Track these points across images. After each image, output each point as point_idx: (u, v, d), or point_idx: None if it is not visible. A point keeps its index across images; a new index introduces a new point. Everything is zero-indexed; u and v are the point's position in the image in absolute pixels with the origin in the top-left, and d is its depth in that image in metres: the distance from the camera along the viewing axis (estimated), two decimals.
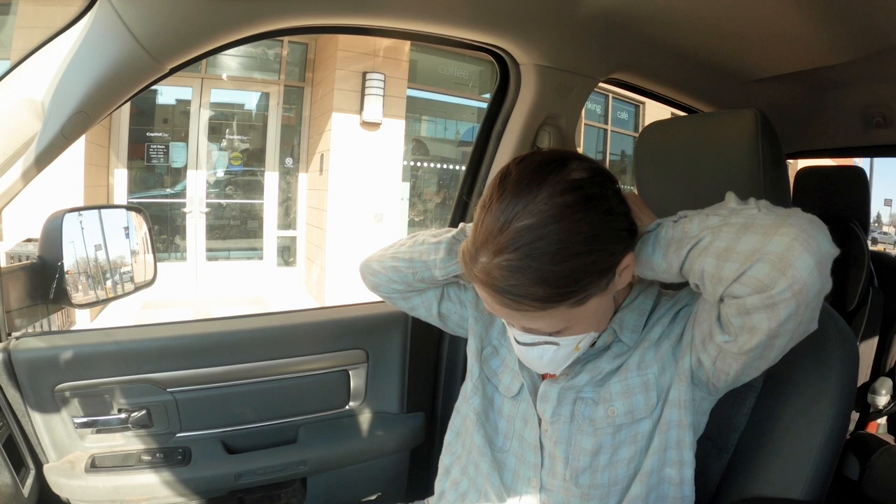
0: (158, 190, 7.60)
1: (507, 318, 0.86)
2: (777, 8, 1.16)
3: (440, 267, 1.03)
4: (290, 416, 1.45)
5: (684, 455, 0.89)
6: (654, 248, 0.82)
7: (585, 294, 0.78)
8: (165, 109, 7.61)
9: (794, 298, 0.68)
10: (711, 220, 0.76)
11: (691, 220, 0.79)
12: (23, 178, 0.96)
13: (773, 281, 0.67)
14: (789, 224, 0.69)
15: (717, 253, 0.72)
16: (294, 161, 8.11)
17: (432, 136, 8.64)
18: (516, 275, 0.74)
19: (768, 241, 0.68)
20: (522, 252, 0.73)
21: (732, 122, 1.02)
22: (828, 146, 2.16)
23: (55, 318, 4.12)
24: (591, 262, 0.76)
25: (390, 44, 7.14)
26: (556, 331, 0.84)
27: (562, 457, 0.93)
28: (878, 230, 20.53)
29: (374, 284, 1.15)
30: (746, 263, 0.69)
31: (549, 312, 0.79)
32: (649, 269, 0.84)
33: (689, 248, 0.76)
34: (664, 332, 0.92)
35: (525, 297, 0.75)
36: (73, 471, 1.24)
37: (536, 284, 0.74)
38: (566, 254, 0.74)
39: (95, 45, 0.91)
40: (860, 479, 1.61)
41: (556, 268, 0.74)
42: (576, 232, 0.74)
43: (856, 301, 2.04)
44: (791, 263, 0.66)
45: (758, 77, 1.63)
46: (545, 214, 0.74)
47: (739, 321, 0.73)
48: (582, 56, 1.43)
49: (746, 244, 0.70)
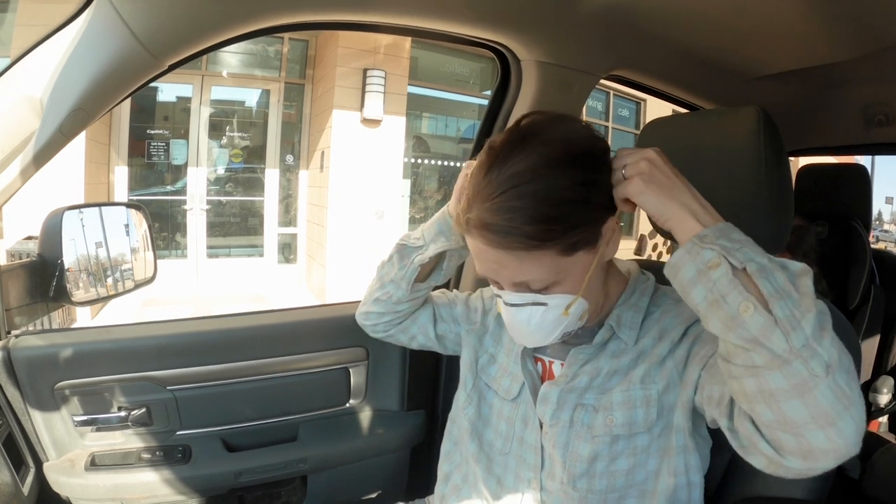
0: (159, 187, 7.61)
1: (497, 272, 0.85)
2: (779, 5, 1.16)
3: (401, 277, 1.11)
4: (290, 413, 1.45)
5: (692, 477, 0.90)
6: (697, 277, 0.70)
7: (573, 240, 0.80)
8: (166, 106, 7.61)
9: (797, 473, 0.67)
10: (776, 338, 0.63)
11: (755, 309, 0.65)
12: (21, 175, 0.95)
13: (791, 454, 0.66)
14: (839, 428, 0.62)
15: (760, 387, 0.65)
16: (295, 158, 8.11)
17: (433, 133, 8.63)
18: (508, 214, 0.77)
19: (812, 428, 0.63)
20: (513, 193, 0.77)
21: (734, 119, 1.01)
22: (829, 144, 2.16)
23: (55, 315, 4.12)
24: (579, 207, 0.79)
25: (391, 41, 7.13)
26: (544, 285, 0.83)
27: (560, 460, 0.93)
28: (879, 228, 20.53)
29: (372, 327, 1.23)
30: (780, 425, 0.65)
31: (539, 256, 0.80)
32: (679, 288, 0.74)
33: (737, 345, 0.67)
34: (671, 351, 0.90)
35: (516, 234, 0.77)
36: (72, 469, 1.24)
37: (526, 222, 0.77)
38: (555, 195, 0.77)
39: (94, 42, 0.91)
40: (861, 477, 1.61)
41: (545, 208, 0.77)
42: (564, 177, 0.78)
43: (857, 299, 2.04)
44: (816, 460, 0.65)
45: (760, 74, 1.62)
46: (535, 162, 0.78)
47: (746, 442, 0.72)
48: (583, 53, 1.43)
49: (792, 411, 0.63)
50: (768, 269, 0.67)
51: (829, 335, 0.64)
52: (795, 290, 0.66)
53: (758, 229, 0.97)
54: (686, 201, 0.75)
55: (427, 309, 1.21)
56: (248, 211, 8.10)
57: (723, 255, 0.68)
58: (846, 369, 0.64)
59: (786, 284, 0.66)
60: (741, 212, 1.00)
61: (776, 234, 0.98)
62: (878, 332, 2.03)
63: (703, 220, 0.73)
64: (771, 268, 0.67)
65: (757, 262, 0.67)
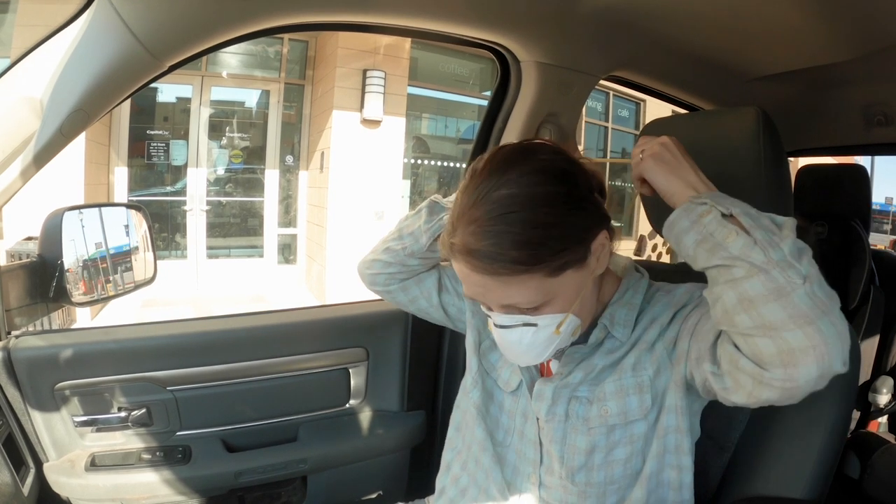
0: (159, 188, 7.61)
1: (484, 295, 0.85)
2: (779, 5, 1.16)
3: (425, 230, 1.06)
4: (290, 414, 1.45)
5: (682, 460, 0.90)
6: (690, 226, 0.76)
7: (560, 262, 0.80)
8: (166, 107, 7.62)
9: (782, 389, 0.68)
10: (755, 253, 0.69)
11: (737, 234, 0.71)
12: (22, 176, 0.95)
13: (771, 364, 0.67)
14: (818, 326, 0.65)
15: (740, 296, 0.69)
16: (294, 159, 8.11)
17: (433, 134, 8.63)
18: (493, 239, 0.78)
19: (790, 327, 0.66)
20: (498, 219, 0.78)
21: (733, 119, 1.01)
22: (829, 144, 2.16)
23: (55, 316, 4.12)
24: (564, 229, 0.80)
25: (391, 41, 7.13)
26: (533, 306, 0.83)
27: (557, 455, 0.93)
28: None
29: (372, 278, 1.18)
30: (759, 330, 0.68)
31: (525, 279, 0.80)
32: (675, 240, 0.79)
33: (719, 265, 0.72)
34: (660, 334, 0.91)
35: (501, 260, 0.78)
36: (72, 469, 1.24)
37: (512, 247, 0.77)
38: (540, 219, 0.78)
39: (94, 43, 0.91)
40: (861, 477, 1.61)
41: (531, 232, 0.78)
42: (548, 201, 0.79)
43: (857, 299, 2.04)
44: (796, 364, 0.66)
45: (759, 75, 1.62)
46: (519, 187, 0.79)
47: (728, 367, 0.74)
48: (583, 53, 1.43)
49: (770, 313, 0.67)
50: (754, 214, 0.73)
51: (808, 259, 0.69)
52: (778, 229, 0.71)
53: None
54: (690, 179, 0.81)
55: (433, 274, 1.17)
56: (248, 212, 8.10)
57: (713, 205, 0.75)
58: (827, 292, 0.68)
59: (769, 225, 0.71)
60: None
61: None
62: (877, 332, 2.03)
63: (699, 190, 0.80)
64: (756, 214, 0.73)
65: (743, 209, 0.73)
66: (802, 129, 2.01)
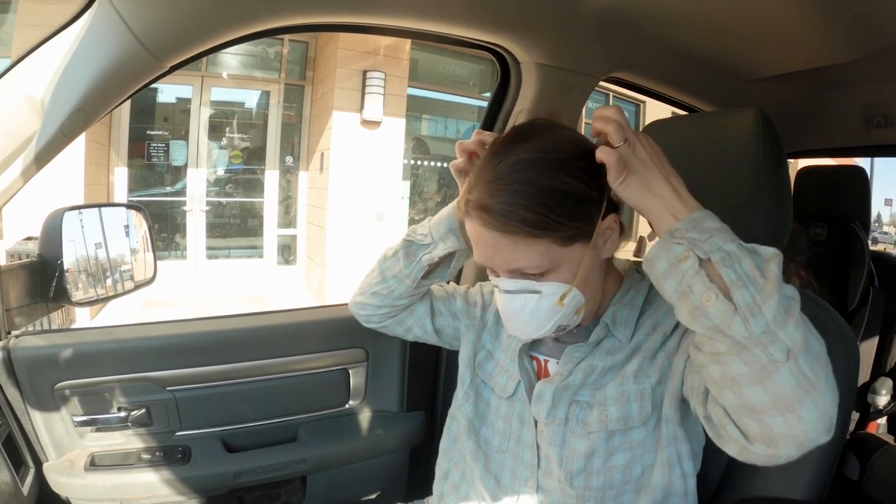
0: (159, 188, 7.61)
1: (493, 257, 0.85)
2: (779, 6, 1.16)
3: (406, 275, 1.11)
4: (289, 414, 1.45)
5: (685, 467, 0.90)
6: (669, 270, 0.72)
7: (570, 232, 0.82)
8: (166, 107, 7.62)
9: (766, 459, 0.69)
10: (736, 326, 0.65)
11: (716, 298, 0.67)
12: (22, 176, 0.95)
13: (755, 440, 0.68)
14: (800, 415, 0.64)
15: (723, 373, 0.68)
16: (294, 159, 8.11)
17: (433, 135, 8.64)
18: (507, 197, 0.79)
19: (772, 413, 0.65)
20: (515, 178, 0.80)
21: (733, 121, 1.02)
22: (828, 146, 2.16)
23: (55, 316, 4.12)
24: (578, 199, 0.81)
25: (391, 42, 7.13)
26: (539, 272, 0.84)
27: (556, 458, 0.93)
28: (878, 230, 20.53)
29: (367, 318, 1.23)
30: (744, 410, 0.67)
31: (533, 243, 0.81)
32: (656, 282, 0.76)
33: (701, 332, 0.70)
34: (663, 343, 0.91)
35: (513, 219, 0.79)
36: (72, 469, 1.24)
37: (524, 208, 0.79)
38: (556, 185, 0.80)
39: (95, 43, 0.91)
40: (860, 478, 1.61)
41: (545, 195, 0.79)
42: (566, 170, 0.81)
43: (856, 301, 2.05)
44: (777, 446, 0.67)
45: (759, 76, 1.63)
46: (539, 152, 0.81)
47: (717, 426, 0.74)
48: (583, 55, 1.43)
49: (753, 396, 0.65)
50: (735, 255, 0.68)
51: (795, 320, 0.65)
52: (761, 276, 0.67)
53: (756, 231, 0.98)
54: (668, 200, 0.75)
55: (425, 302, 1.20)
56: (248, 212, 8.10)
57: (689, 247, 0.71)
58: (814, 354, 0.65)
59: (751, 270, 0.67)
60: (740, 214, 1.00)
61: (775, 235, 0.98)
62: (876, 333, 2.03)
63: (677, 213, 0.74)
64: (738, 254, 0.68)
65: (724, 250, 0.69)
66: (802, 131, 2.02)
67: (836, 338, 0.93)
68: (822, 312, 0.97)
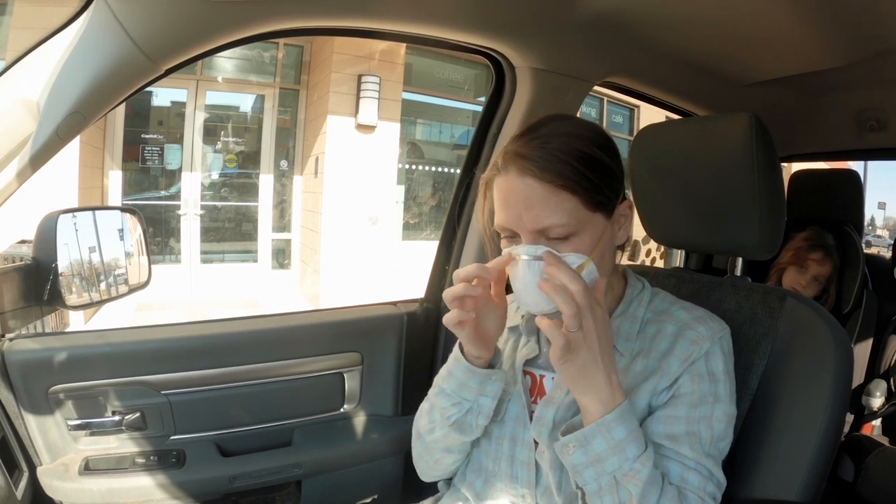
0: (153, 192, 7.57)
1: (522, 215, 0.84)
2: (772, 12, 1.17)
3: (471, 438, 1.00)
4: (284, 418, 1.45)
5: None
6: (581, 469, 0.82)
7: (598, 198, 0.85)
8: (160, 111, 7.59)
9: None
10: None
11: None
12: (17, 178, 0.95)
13: None
14: None
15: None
16: (289, 164, 8.09)
17: (427, 140, 8.64)
18: (546, 151, 0.84)
19: None
20: (555, 138, 0.85)
21: (727, 125, 1.02)
22: (822, 150, 2.18)
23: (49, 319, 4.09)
24: (607, 171, 0.87)
25: (386, 47, 7.14)
26: (562, 234, 0.83)
27: (555, 482, 0.92)
28: (871, 233, 20.58)
29: (455, 471, 1.11)
30: None
31: (567, 200, 0.83)
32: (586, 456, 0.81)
33: None
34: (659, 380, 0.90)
35: (550, 169, 0.82)
36: (66, 473, 1.23)
37: (565, 163, 0.83)
38: (590, 153, 0.85)
39: (91, 46, 0.91)
40: (855, 480, 1.62)
41: (580, 159, 0.84)
42: (598, 145, 0.87)
43: (850, 304, 2.05)
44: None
45: (753, 81, 1.64)
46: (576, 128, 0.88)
47: None
48: (577, 59, 1.44)
49: None
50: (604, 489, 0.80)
51: None
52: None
53: (750, 234, 0.98)
54: (598, 383, 0.80)
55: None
56: (243, 216, 8.07)
57: (574, 474, 0.82)
58: None
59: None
60: (734, 217, 1.01)
61: (768, 239, 0.99)
62: (870, 335, 2.04)
63: (607, 402, 0.80)
64: (608, 487, 0.79)
65: (595, 483, 0.80)
66: (796, 135, 2.03)
67: (830, 341, 0.94)
68: (816, 316, 0.98)
